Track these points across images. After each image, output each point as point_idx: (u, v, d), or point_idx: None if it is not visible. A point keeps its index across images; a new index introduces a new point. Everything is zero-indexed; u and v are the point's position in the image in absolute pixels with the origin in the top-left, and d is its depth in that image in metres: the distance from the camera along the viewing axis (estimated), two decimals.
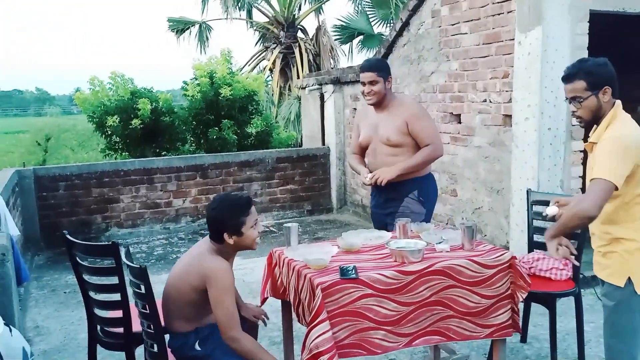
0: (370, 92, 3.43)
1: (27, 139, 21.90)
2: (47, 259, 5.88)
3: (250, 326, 2.73)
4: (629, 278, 2.28)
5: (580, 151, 4.39)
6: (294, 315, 2.73)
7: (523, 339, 3.54)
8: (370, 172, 3.51)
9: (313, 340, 2.31)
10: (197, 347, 2.39)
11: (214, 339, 2.36)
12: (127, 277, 2.50)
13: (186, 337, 2.41)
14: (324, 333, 2.31)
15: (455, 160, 5.43)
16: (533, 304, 3.39)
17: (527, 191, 3.55)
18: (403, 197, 3.50)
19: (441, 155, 3.55)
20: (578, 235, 3.08)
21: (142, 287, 2.31)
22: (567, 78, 2.35)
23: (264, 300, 2.93)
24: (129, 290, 2.52)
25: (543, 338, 3.51)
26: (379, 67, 3.48)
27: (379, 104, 3.49)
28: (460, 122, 5.35)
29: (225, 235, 2.38)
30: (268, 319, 2.79)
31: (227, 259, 2.44)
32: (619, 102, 2.33)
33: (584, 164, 3.92)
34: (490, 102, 4.91)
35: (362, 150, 3.68)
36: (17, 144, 22.25)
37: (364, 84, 3.46)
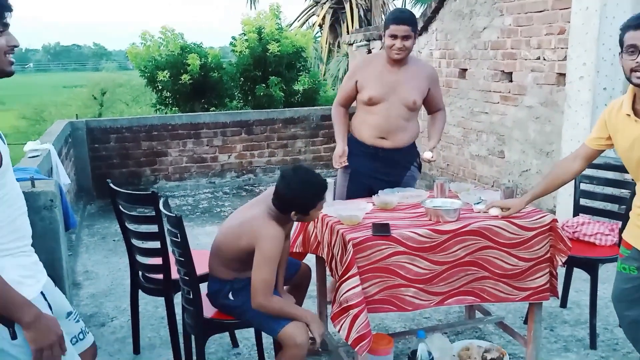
0: (402, 47, 3.11)
1: (85, 93, 22.64)
2: (98, 208, 6.12)
3: (295, 285, 2.79)
4: None
5: None
6: (327, 270, 2.76)
7: (563, 304, 3.47)
8: (378, 133, 3.22)
9: (343, 293, 2.34)
10: (231, 297, 2.44)
11: (246, 293, 2.39)
12: (166, 227, 2.57)
13: (223, 284, 2.45)
14: (354, 287, 2.32)
15: (505, 120, 5.26)
16: (576, 269, 3.30)
17: None
18: (406, 163, 3.32)
19: None
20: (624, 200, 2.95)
21: (178, 235, 2.37)
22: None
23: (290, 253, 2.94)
24: (169, 239, 2.60)
25: (584, 304, 3.42)
26: (414, 21, 3.18)
27: (403, 60, 3.21)
28: (511, 81, 5.15)
29: (292, 212, 2.37)
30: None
31: (284, 224, 2.44)
32: None
33: None
34: (544, 59, 4.69)
35: (349, 104, 3.41)
36: (74, 98, 23.04)
37: (394, 37, 3.10)
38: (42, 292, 1.67)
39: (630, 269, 2.28)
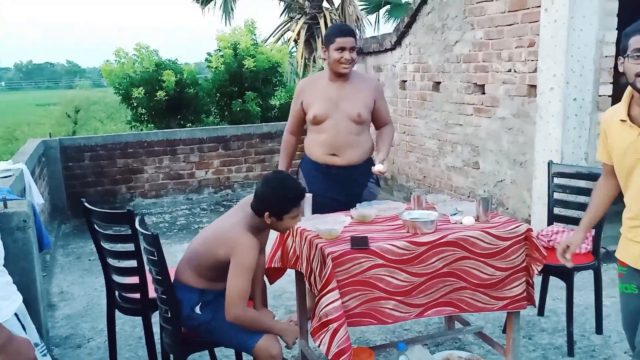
0: (350, 59, 3.09)
1: (58, 110, 22.32)
2: (73, 227, 6.03)
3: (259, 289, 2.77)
4: None
5: None
6: (307, 285, 2.75)
7: (540, 312, 3.51)
8: (329, 150, 3.18)
9: (322, 308, 2.33)
10: (198, 311, 2.39)
11: (215, 308, 2.37)
12: (143, 245, 2.54)
13: (191, 292, 2.40)
14: (333, 302, 2.32)
15: (478, 132, 5.34)
16: (552, 278, 3.34)
17: (549, 163, 3.47)
18: (363, 179, 3.26)
19: None
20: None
21: (155, 253, 2.34)
22: None
23: (268, 269, 2.93)
24: (145, 258, 2.57)
25: (561, 312, 3.47)
26: (355, 33, 3.19)
27: (345, 75, 3.17)
28: (484, 93, 5.24)
29: (266, 214, 2.37)
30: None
31: (259, 233, 2.44)
32: None
33: None
34: (515, 71, 4.78)
35: (300, 128, 3.43)
36: (48, 116, 22.70)
37: (342, 49, 3.08)
38: (15, 314, 1.64)
39: (630, 288, 2.17)
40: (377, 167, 3.13)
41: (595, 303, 3.24)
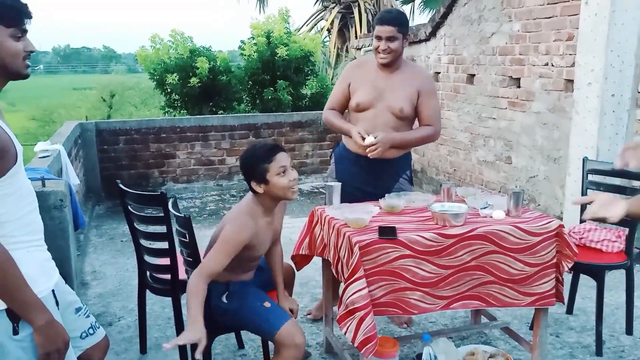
0: (387, 49, 2.95)
1: (94, 95, 22.79)
2: (106, 209, 6.17)
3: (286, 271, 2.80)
4: None
5: None
6: (333, 272, 2.77)
7: (569, 311, 3.46)
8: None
9: (350, 296, 2.35)
10: (224, 300, 2.41)
11: (241, 296, 2.40)
12: (175, 227, 2.59)
13: (217, 286, 2.42)
14: (360, 290, 2.33)
15: (512, 126, 5.26)
16: (582, 276, 3.29)
17: (583, 159, 3.41)
18: (395, 174, 3.15)
19: (435, 139, 3.22)
20: None
21: (187, 235, 2.39)
22: None
23: (295, 256, 2.95)
24: (177, 240, 2.62)
25: (590, 311, 3.41)
26: (401, 21, 2.97)
27: (391, 64, 3.04)
28: (519, 87, 5.15)
29: (254, 184, 2.37)
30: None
31: (269, 212, 2.45)
32: None
33: None
34: (552, 65, 4.69)
35: (343, 109, 3.23)
36: (84, 100, 23.20)
37: (379, 38, 2.96)
38: (52, 290, 1.70)
39: None
40: (368, 139, 2.93)
41: (626, 303, 3.18)
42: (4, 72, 1.59)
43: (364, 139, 2.97)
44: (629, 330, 3.22)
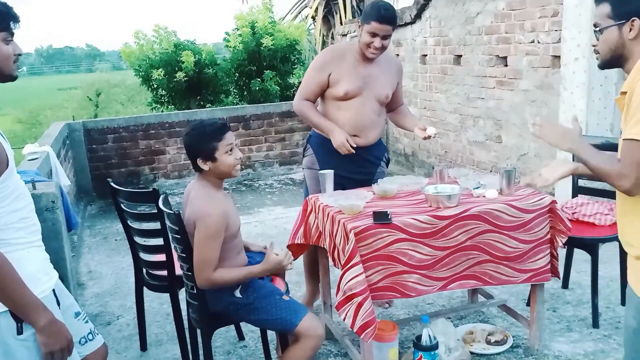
0: (381, 47, 2.95)
1: (79, 94, 22.58)
2: (99, 208, 6.14)
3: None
4: None
5: None
6: (330, 260, 2.77)
7: (565, 285, 3.50)
8: (351, 130, 3.03)
9: (347, 282, 2.35)
10: (238, 294, 2.38)
11: (256, 289, 2.38)
12: (167, 224, 2.58)
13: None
14: (357, 276, 2.34)
15: (501, 105, 5.26)
16: (576, 250, 3.32)
17: None
18: (375, 159, 3.22)
19: None
20: None
21: (179, 232, 2.38)
22: None
23: (290, 246, 2.92)
24: (170, 236, 2.61)
25: (585, 284, 3.45)
26: (396, 20, 2.98)
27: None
28: (506, 65, 5.15)
29: (200, 161, 2.35)
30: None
31: (218, 187, 2.42)
32: None
33: None
34: (539, 42, 4.69)
35: (315, 99, 3.16)
36: (70, 100, 23.01)
37: (373, 34, 2.91)
38: (53, 290, 1.70)
39: None
40: (430, 130, 3.09)
41: (620, 275, 3.21)
42: None
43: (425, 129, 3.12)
44: (624, 301, 3.25)
